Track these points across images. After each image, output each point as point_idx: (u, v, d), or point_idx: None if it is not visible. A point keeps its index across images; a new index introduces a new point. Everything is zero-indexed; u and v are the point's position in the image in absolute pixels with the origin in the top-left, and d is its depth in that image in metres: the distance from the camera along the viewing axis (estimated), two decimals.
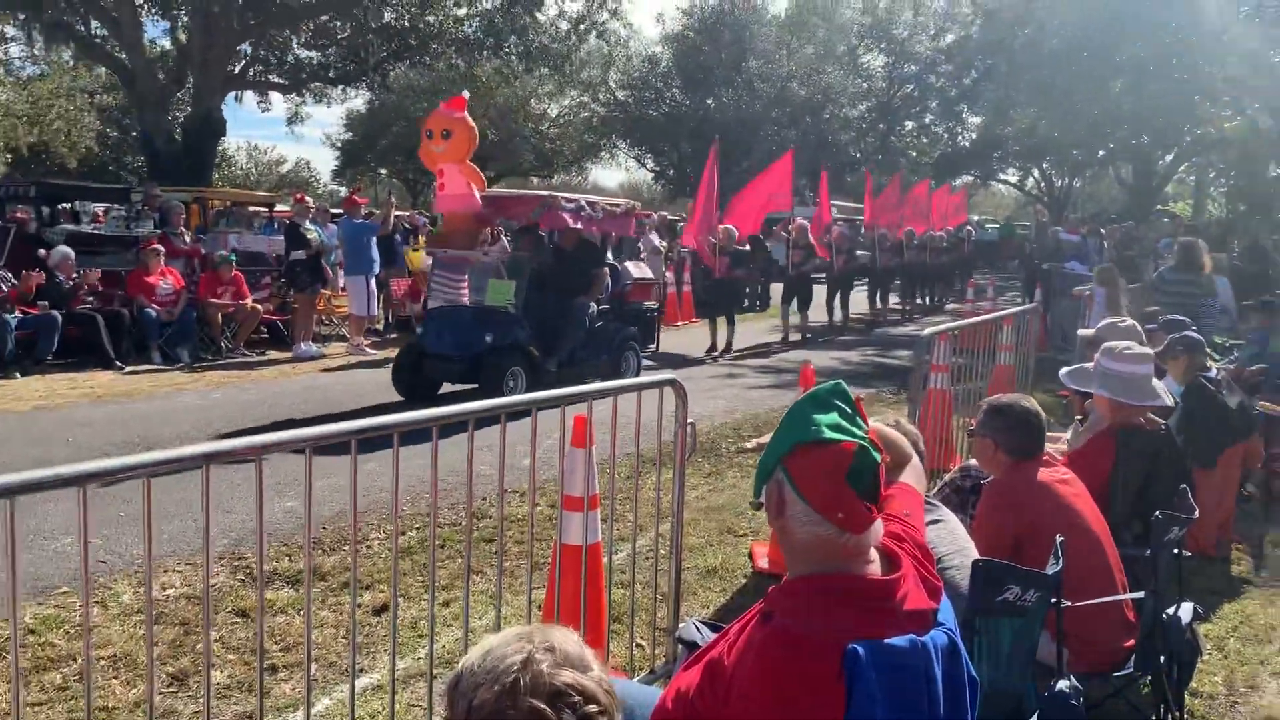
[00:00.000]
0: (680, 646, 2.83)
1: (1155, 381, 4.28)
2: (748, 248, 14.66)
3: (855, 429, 1.93)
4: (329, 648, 4.26)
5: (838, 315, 16.60)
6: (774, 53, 41.51)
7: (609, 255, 12.48)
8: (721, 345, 13.59)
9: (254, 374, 11.24)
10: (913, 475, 2.57)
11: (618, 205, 10.93)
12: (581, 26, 26.72)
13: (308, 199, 14.49)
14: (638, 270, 12.99)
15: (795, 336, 15.09)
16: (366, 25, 21.23)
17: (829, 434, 1.89)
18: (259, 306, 12.89)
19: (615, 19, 31.03)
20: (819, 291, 16.15)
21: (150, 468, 2.27)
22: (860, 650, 1.81)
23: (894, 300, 19.56)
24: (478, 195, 9.34)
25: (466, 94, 9.93)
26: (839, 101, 41.85)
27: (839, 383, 2.04)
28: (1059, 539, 3.04)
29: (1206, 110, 24.76)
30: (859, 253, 17.26)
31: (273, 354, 12.61)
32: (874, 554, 1.98)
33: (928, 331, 5.85)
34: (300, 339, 12.64)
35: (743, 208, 15.14)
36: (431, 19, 22.33)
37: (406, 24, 22.27)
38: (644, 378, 3.52)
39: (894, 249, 18.31)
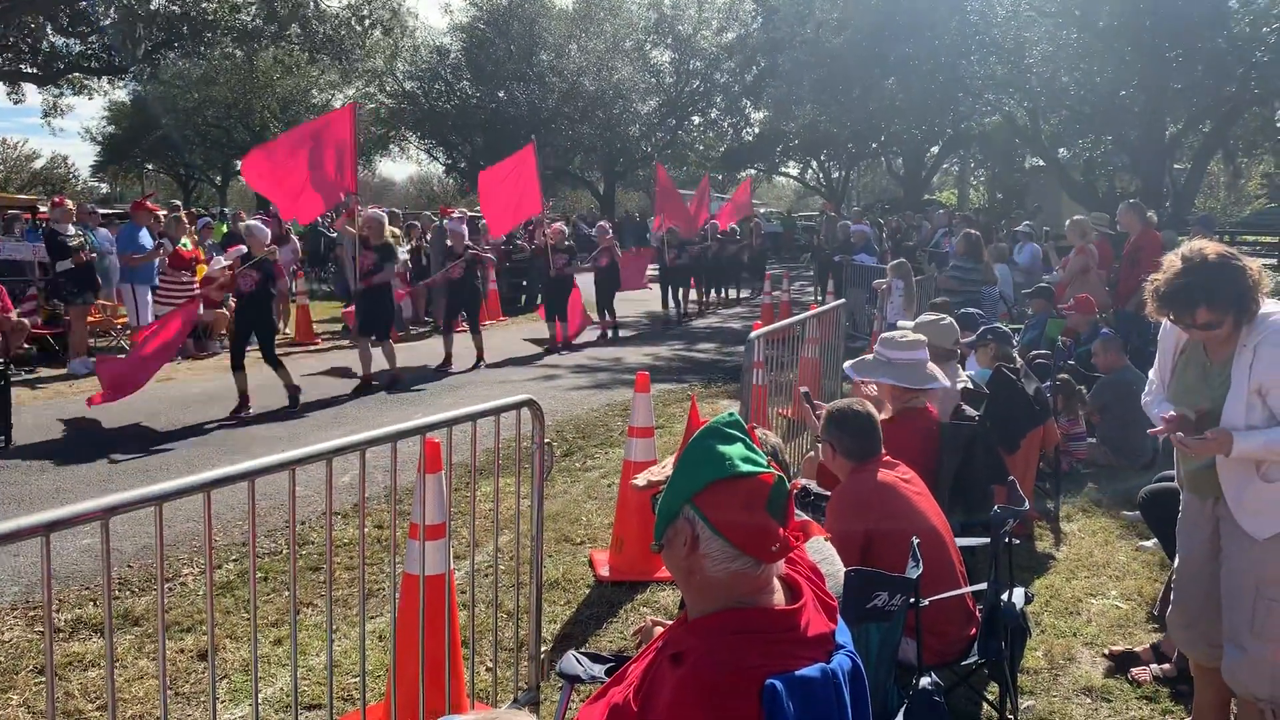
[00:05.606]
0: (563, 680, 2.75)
1: (930, 365, 4.54)
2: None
3: (760, 459, 1.92)
4: (154, 701, 3.92)
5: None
6: (564, 46, 41.46)
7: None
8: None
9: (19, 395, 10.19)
10: None
11: None
12: (366, 18, 25.78)
13: (67, 202, 13.17)
14: None
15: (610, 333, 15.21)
16: (134, 12, 19.70)
17: (744, 467, 1.87)
18: (24, 321, 11.76)
19: (395, 17, 30.02)
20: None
21: None
22: (778, 685, 1.80)
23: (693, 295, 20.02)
24: None
25: None
26: (629, 97, 42.25)
27: (733, 413, 2.03)
28: (915, 540, 3.15)
29: (969, 105, 26.58)
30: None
31: (45, 371, 11.50)
32: (776, 583, 1.98)
33: (754, 334, 5.97)
34: (75, 354, 11.62)
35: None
36: (207, 5, 21.01)
37: (178, 10, 20.87)
38: (501, 400, 3.37)
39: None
